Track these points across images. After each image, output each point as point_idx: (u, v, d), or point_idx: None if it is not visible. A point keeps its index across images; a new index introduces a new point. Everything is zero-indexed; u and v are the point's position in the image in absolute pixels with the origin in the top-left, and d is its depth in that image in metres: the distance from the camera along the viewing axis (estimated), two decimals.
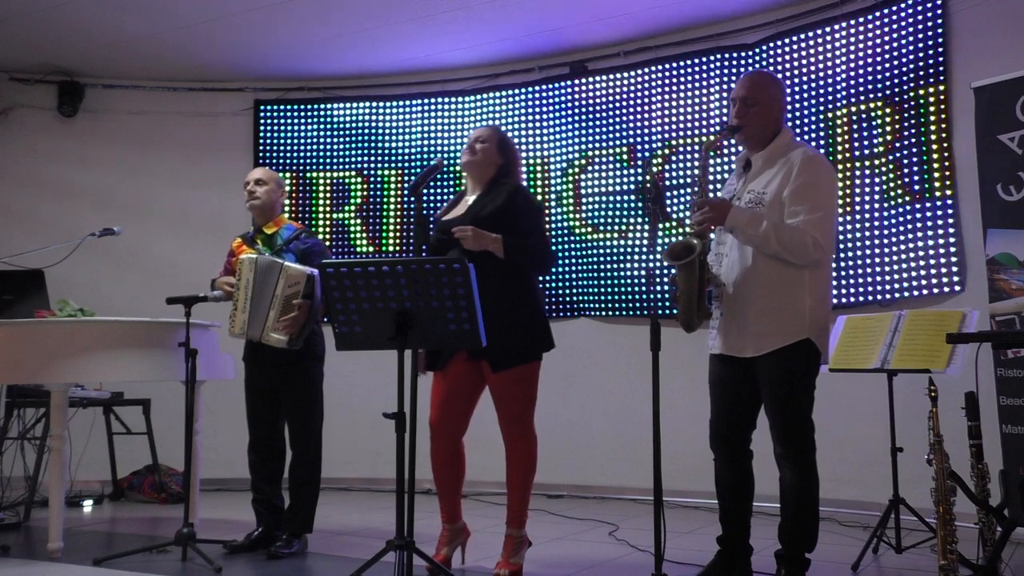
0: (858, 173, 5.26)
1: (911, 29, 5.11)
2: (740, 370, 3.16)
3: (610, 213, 6.16)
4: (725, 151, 5.66)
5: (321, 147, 6.92)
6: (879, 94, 5.22)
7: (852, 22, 5.36)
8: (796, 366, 3.07)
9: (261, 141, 6.93)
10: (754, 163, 3.21)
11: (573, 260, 6.30)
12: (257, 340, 3.90)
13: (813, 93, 5.49)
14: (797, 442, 3.07)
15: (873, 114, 5.23)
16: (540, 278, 6.24)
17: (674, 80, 6.04)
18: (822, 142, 5.41)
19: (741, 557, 3.26)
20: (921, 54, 5.06)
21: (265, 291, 3.87)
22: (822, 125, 5.44)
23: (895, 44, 5.17)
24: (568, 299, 6.29)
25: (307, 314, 3.88)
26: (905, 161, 5.07)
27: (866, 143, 5.25)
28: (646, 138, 6.11)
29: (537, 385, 3.46)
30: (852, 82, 5.33)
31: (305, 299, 3.86)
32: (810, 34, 5.51)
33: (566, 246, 6.32)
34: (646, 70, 6.14)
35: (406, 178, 6.75)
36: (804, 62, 5.53)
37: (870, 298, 5.16)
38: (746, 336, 3.10)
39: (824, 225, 3.03)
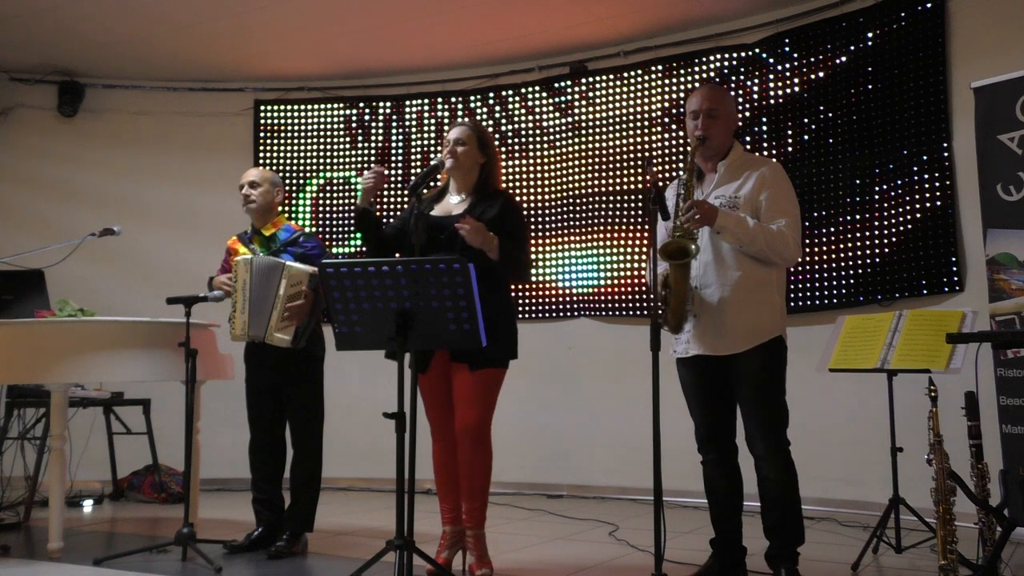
0: (858, 173, 5.26)
1: (911, 29, 5.11)
2: (713, 370, 3.22)
3: (610, 213, 6.16)
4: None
5: (321, 147, 6.93)
6: (879, 94, 5.22)
7: (852, 22, 5.36)
8: (774, 359, 3.19)
9: (261, 141, 6.94)
10: (718, 171, 3.29)
11: (573, 260, 6.30)
12: (260, 341, 3.90)
13: (813, 92, 5.49)
14: (778, 437, 3.15)
15: (872, 114, 5.23)
16: (538, 278, 6.29)
17: (674, 80, 6.05)
18: (821, 142, 5.42)
19: (736, 559, 3.28)
20: (921, 54, 5.06)
21: (268, 292, 3.86)
22: (822, 125, 5.44)
23: (895, 44, 5.17)
24: (568, 299, 6.29)
25: (312, 304, 3.89)
26: (905, 161, 5.07)
27: (866, 143, 5.25)
28: (646, 138, 6.11)
29: (498, 393, 3.45)
30: (852, 82, 5.33)
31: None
32: (810, 34, 5.51)
33: (566, 244, 6.32)
34: (646, 70, 6.14)
35: (404, 179, 6.74)
36: (804, 62, 5.53)
37: (870, 298, 5.16)
38: (725, 335, 3.16)
39: (799, 228, 3.24)
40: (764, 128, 5.65)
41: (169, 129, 6.89)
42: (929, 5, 5.05)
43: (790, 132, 5.55)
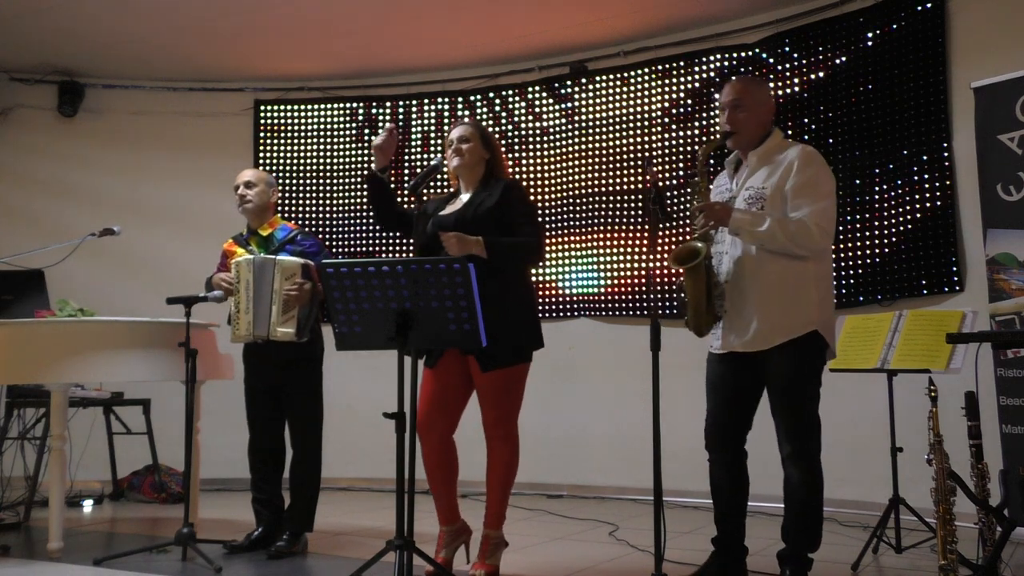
0: (858, 173, 5.26)
1: (911, 29, 5.11)
2: (743, 367, 3.16)
3: (610, 213, 6.16)
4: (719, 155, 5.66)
5: (321, 147, 6.93)
6: (879, 94, 5.22)
7: (852, 22, 5.36)
8: (806, 359, 3.09)
9: (261, 141, 6.94)
10: (748, 162, 3.24)
11: (573, 260, 6.30)
12: (265, 339, 3.89)
13: (813, 93, 5.49)
14: (806, 440, 3.07)
15: (873, 114, 5.23)
16: (539, 278, 6.28)
17: (674, 80, 6.05)
18: (821, 142, 5.41)
19: (737, 558, 3.27)
20: (921, 54, 5.06)
21: (263, 289, 3.87)
22: (822, 125, 5.44)
23: (895, 44, 5.17)
24: (568, 299, 6.29)
25: (311, 292, 3.89)
26: (905, 161, 5.07)
27: (866, 143, 5.25)
28: (646, 138, 6.11)
29: (524, 386, 3.42)
30: (852, 82, 5.33)
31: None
32: (810, 34, 5.51)
33: (565, 244, 6.32)
34: (646, 70, 6.14)
35: (406, 178, 6.74)
36: (804, 62, 5.53)
37: (870, 298, 5.16)
38: (754, 331, 3.10)
39: (826, 214, 3.08)
40: None
41: (169, 129, 6.89)
42: (929, 5, 5.05)
43: (790, 132, 5.55)
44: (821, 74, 5.47)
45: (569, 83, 6.40)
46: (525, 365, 3.41)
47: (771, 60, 5.67)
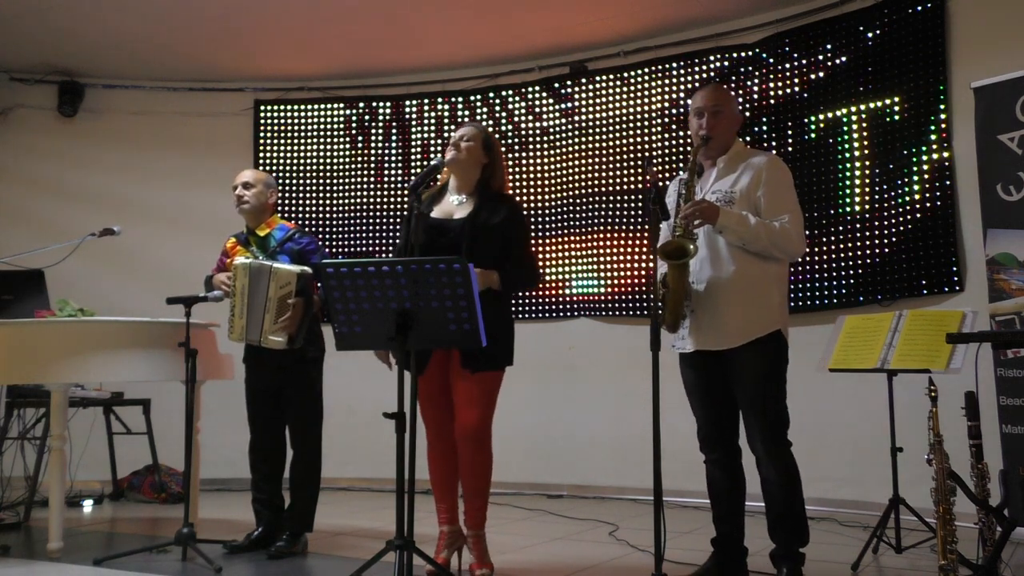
0: (858, 173, 5.26)
1: (911, 29, 5.11)
2: (714, 368, 3.22)
3: (610, 213, 6.16)
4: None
5: (321, 147, 6.92)
6: (879, 94, 5.22)
7: (852, 22, 5.36)
8: (772, 357, 3.18)
9: (261, 141, 6.94)
10: (717, 166, 3.31)
11: (573, 260, 6.30)
12: (257, 344, 3.90)
13: (813, 93, 5.49)
14: (777, 437, 3.14)
15: (873, 114, 5.23)
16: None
17: (674, 80, 6.05)
18: (822, 142, 5.41)
19: (736, 559, 3.28)
20: (921, 54, 5.06)
21: (258, 295, 3.85)
22: (822, 125, 5.44)
23: (895, 44, 5.17)
24: (568, 299, 6.29)
25: (303, 311, 3.87)
26: (905, 161, 5.07)
27: (866, 143, 5.25)
28: (646, 138, 6.11)
29: (498, 394, 3.45)
30: (852, 82, 5.33)
31: (299, 296, 3.85)
32: (810, 34, 5.51)
33: (565, 245, 6.32)
34: (646, 70, 6.14)
35: (405, 178, 6.74)
36: (804, 62, 5.53)
37: (870, 298, 5.16)
38: (720, 330, 3.17)
39: (801, 223, 3.24)
40: (764, 128, 5.65)
41: (169, 129, 6.89)
42: (929, 5, 5.05)
43: (790, 132, 5.55)
44: (821, 74, 5.47)
45: (569, 83, 6.40)
46: (502, 373, 3.45)
47: (771, 60, 5.67)
